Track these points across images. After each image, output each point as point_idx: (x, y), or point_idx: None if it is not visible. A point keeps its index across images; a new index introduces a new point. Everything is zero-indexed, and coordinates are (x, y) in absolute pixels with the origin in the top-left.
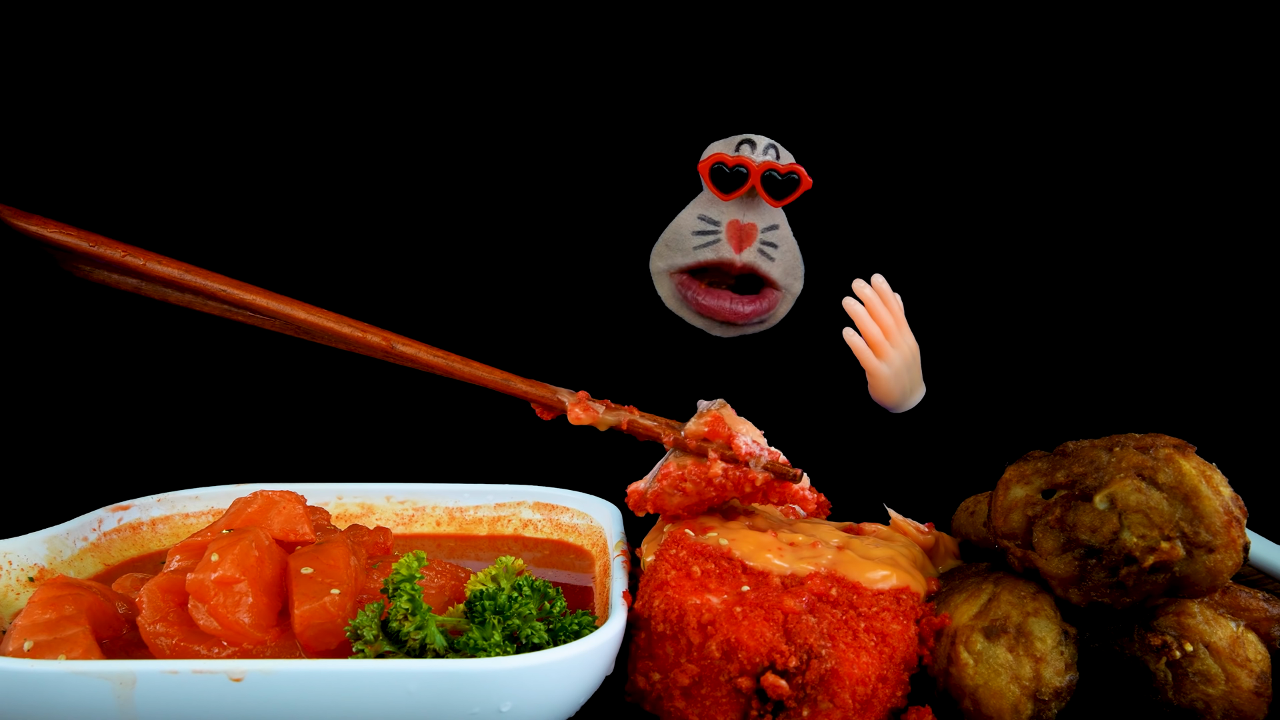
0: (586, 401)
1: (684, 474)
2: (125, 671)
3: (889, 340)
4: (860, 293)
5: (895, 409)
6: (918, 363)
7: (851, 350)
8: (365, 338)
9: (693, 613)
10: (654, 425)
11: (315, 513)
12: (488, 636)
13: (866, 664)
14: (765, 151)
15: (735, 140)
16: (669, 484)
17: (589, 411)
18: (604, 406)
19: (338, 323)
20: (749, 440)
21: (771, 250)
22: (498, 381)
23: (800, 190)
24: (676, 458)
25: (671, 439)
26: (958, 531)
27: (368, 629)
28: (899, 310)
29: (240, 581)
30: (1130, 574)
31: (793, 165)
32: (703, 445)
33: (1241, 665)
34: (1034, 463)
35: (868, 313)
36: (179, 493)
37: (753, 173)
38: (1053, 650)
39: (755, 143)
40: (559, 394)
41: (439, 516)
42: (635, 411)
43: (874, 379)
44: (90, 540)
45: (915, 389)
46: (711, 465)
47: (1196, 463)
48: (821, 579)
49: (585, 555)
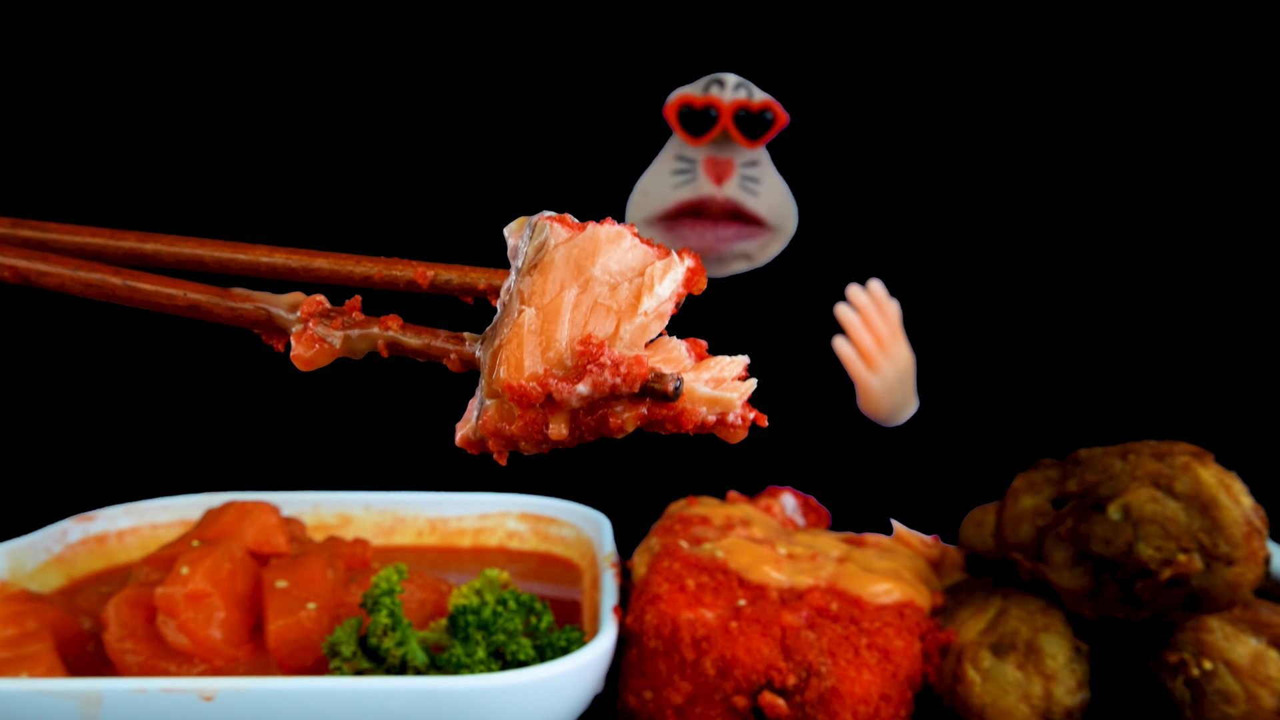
0: (317, 318)
1: (513, 432)
2: (91, 690)
3: (883, 351)
4: (855, 300)
5: (884, 423)
6: (912, 376)
7: (841, 361)
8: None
9: (686, 628)
10: (431, 344)
11: (290, 523)
12: (471, 653)
13: (869, 682)
14: (736, 90)
15: (704, 81)
16: (499, 443)
17: (317, 345)
18: (341, 322)
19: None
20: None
21: (754, 185)
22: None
23: (777, 127)
24: (498, 404)
25: (459, 359)
26: (964, 543)
27: (345, 645)
28: (896, 319)
29: (211, 595)
30: (1146, 588)
31: (767, 101)
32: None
33: (1263, 684)
34: (1044, 471)
35: (862, 321)
36: (147, 502)
37: (723, 112)
38: (1064, 668)
39: (724, 81)
40: (272, 306)
41: (420, 527)
42: (397, 323)
43: (864, 391)
44: (54, 552)
45: (907, 404)
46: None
47: (1215, 471)
48: (822, 592)
49: (573, 568)
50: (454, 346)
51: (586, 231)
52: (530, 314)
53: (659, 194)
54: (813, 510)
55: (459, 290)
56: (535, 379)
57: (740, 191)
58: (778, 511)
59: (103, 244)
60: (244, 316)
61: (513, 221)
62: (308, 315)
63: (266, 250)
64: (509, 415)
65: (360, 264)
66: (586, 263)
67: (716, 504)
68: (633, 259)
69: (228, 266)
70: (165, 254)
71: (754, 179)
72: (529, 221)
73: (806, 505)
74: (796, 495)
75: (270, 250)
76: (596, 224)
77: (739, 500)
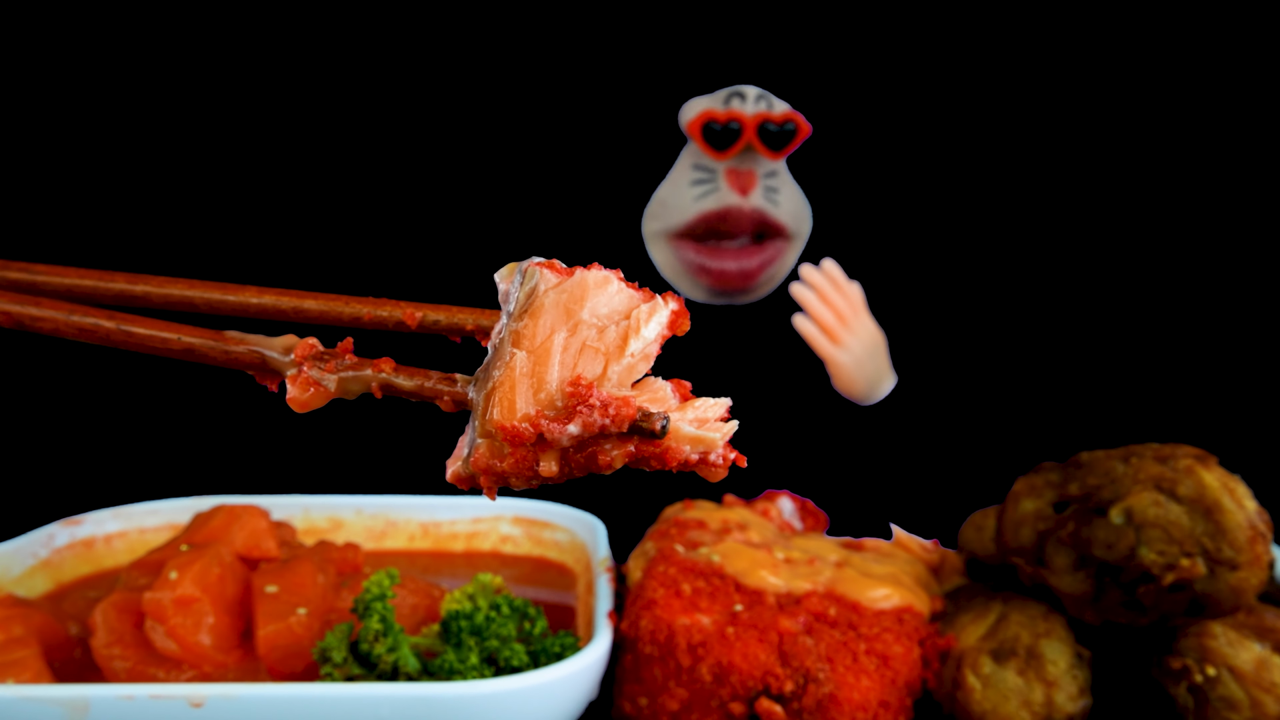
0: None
1: (504, 469)
2: (78, 697)
3: (844, 326)
4: (809, 278)
5: (862, 401)
6: (882, 351)
7: (804, 339)
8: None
9: (682, 633)
10: (424, 386)
11: (280, 527)
12: (464, 659)
13: (867, 688)
14: (757, 102)
15: (723, 94)
16: (491, 479)
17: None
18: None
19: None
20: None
21: (775, 195)
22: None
23: (800, 139)
24: (489, 443)
25: (451, 400)
26: (964, 547)
27: (336, 651)
28: (857, 297)
29: (200, 601)
30: (1148, 593)
31: (788, 114)
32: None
33: (1268, 690)
34: (1045, 474)
35: (818, 297)
36: (135, 506)
37: (746, 126)
38: (1065, 674)
39: (745, 94)
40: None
41: (412, 531)
42: (390, 366)
43: (833, 368)
44: (41, 557)
45: (882, 379)
46: (540, 460)
47: (1219, 474)
48: (819, 598)
49: (568, 572)
50: (446, 388)
51: (575, 277)
52: (522, 357)
53: (679, 205)
54: (810, 514)
55: (446, 330)
56: (527, 420)
57: (765, 202)
58: (775, 515)
59: (93, 285)
60: (239, 360)
61: (502, 268)
62: (301, 359)
63: (256, 291)
64: (500, 453)
65: (349, 304)
66: (575, 307)
67: (713, 508)
68: (619, 303)
69: (217, 308)
70: (155, 295)
71: (775, 189)
72: (519, 267)
73: (804, 509)
74: (794, 499)
75: (260, 291)
76: (584, 269)
77: (735, 504)
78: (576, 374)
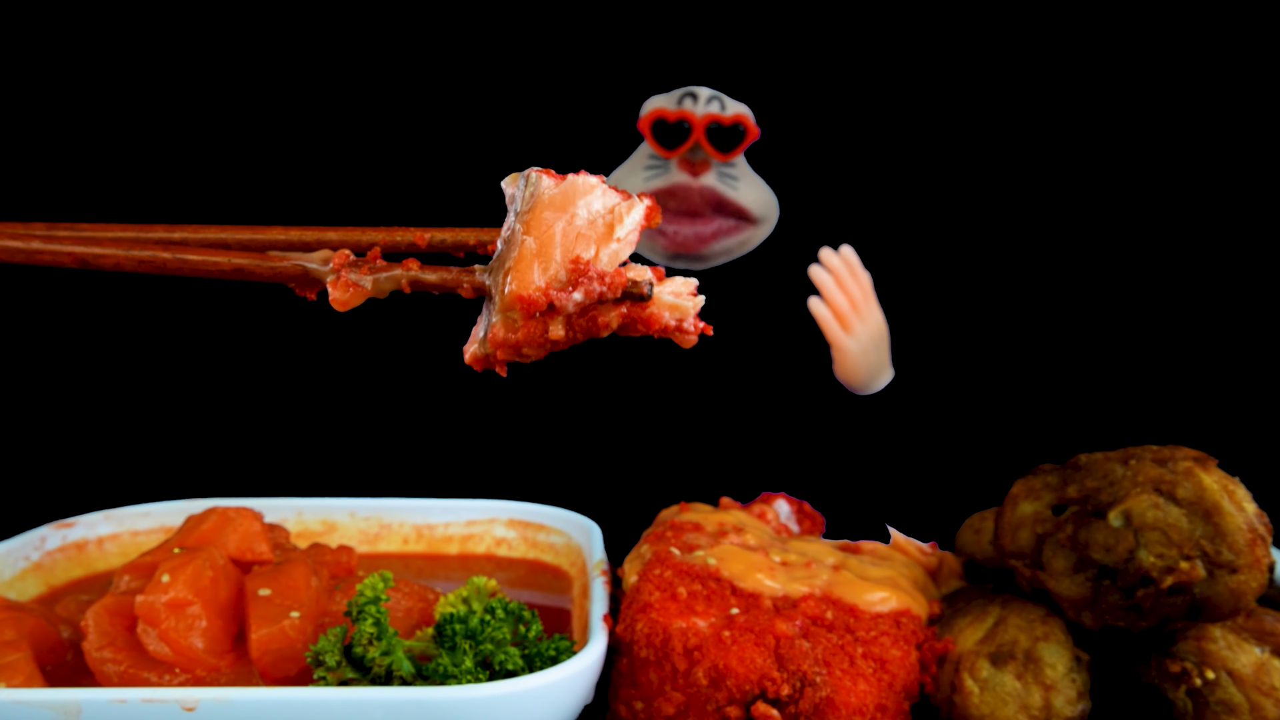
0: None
1: (518, 339)
2: (70, 701)
3: (856, 314)
4: (828, 263)
5: (861, 390)
6: (886, 342)
7: (816, 322)
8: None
9: (678, 637)
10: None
11: (273, 530)
12: (458, 663)
13: (864, 692)
14: (709, 103)
15: (677, 94)
16: (506, 352)
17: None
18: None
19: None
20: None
21: (733, 181)
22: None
23: (748, 141)
24: (504, 318)
25: (470, 287)
26: (962, 550)
27: (330, 655)
28: (868, 285)
29: (193, 604)
30: (1147, 596)
31: (738, 116)
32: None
33: (1267, 694)
34: (1044, 477)
35: (836, 283)
36: (128, 509)
37: (696, 126)
38: (1064, 678)
39: (698, 95)
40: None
41: (406, 534)
42: (416, 265)
43: (839, 354)
44: (32, 560)
45: (882, 370)
46: (549, 326)
47: (1218, 477)
48: (816, 601)
49: (563, 575)
50: (466, 277)
51: (568, 180)
52: (530, 241)
53: (631, 186)
54: (807, 517)
55: (452, 247)
56: (539, 290)
57: (720, 182)
58: (771, 518)
59: (134, 237)
60: (282, 273)
61: (508, 176)
62: (339, 266)
63: (281, 230)
64: (513, 326)
65: (366, 233)
66: (570, 203)
67: (709, 510)
68: (605, 201)
69: (248, 246)
70: (192, 240)
71: (732, 176)
72: (522, 175)
73: (801, 511)
74: (790, 501)
75: (285, 230)
76: (574, 175)
77: (732, 506)
78: (575, 254)
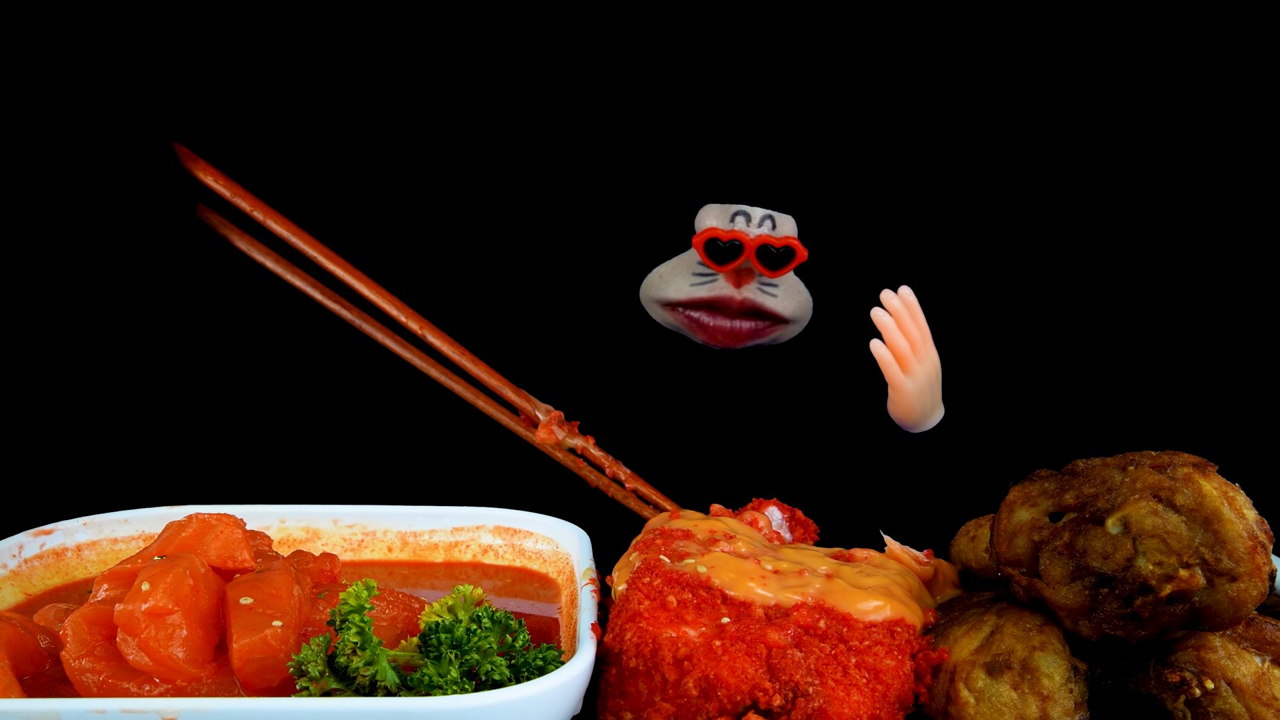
0: (558, 423)
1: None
2: (48, 711)
3: (916, 355)
4: (889, 305)
5: (913, 428)
6: (939, 382)
7: (878, 363)
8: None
9: (668, 646)
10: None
11: (255, 537)
12: (444, 673)
13: (858, 703)
14: (760, 224)
15: (730, 211)
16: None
17: (552, 435)
18: (567, 431)
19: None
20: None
21: (772, 289)
22: (494, 384)
23: (795, 263)
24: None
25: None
26: (957, 558)
27: (313, 664)
28: (925, 327)
29: (173, 613)
30: (1145, 604)
31: (788, 239)
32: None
33: (1268, 704)
34: (1040, 483)
35: (896, 325)
36: (107, 515)
37: (748, 247)
38: (1061, 688)
39: (750, 215)
40: (538, 407)
41: (391, 541)
42: (592, 441)
43: (897, 395)
44: (9, 568)
45: (935, 409)
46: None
47: (1218, 483)
48: (809, 610)
49: (550, 584)
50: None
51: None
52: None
53: (676, 286)
54: (800, 524)
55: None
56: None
57: (758, 294)
58: (763, 525)
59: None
60: (517, 406)
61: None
62: (552, 420)
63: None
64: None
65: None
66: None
67: (699, 517)
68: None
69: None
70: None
71: (773, 284)
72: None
73: (793, 519)
74: (783, 508)
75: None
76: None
77: (723, 514)
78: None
